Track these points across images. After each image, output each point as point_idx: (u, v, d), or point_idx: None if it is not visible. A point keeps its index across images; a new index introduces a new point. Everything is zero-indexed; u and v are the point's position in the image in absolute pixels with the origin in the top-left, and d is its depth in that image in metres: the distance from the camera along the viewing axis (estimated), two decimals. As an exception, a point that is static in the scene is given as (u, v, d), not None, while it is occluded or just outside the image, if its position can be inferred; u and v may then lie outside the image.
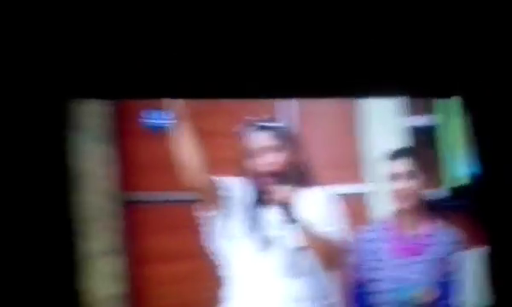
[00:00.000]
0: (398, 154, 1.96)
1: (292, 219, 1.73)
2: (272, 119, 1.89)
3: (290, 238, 1.78)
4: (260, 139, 1.83)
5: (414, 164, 1.93)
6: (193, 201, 1.82)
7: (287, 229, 1.78)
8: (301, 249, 1.78)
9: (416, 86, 2.16)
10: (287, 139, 1.86)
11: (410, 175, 1.92)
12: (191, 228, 1.78)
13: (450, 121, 2.16)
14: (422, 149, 2.05)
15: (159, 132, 1.87)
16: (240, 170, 1.84)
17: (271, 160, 1.81)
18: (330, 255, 1.79)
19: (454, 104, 2.17)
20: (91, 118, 1.82)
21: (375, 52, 2.15)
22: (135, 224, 1.80)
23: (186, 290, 1.82)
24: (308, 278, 1.79)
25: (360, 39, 2.14)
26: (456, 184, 2.13)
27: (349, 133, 2.08)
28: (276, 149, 1.83)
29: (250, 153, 1.82)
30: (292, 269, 1.78)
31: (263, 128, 1.84)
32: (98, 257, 1.75)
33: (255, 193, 1.82)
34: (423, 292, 1.90)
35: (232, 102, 1.95)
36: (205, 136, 1.91)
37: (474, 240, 2.05)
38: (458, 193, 2.11)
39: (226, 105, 1.95)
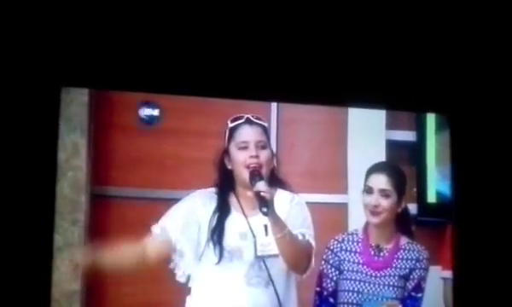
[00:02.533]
0: (374, 169, 1.96)
1: (269, 213, 1.76)
2: (260, 118, 1.92)
3: (253, 248, 1.83)
4: (250, 133, 1.87)
5: (388, 182, 1.94)
6: (163, 200, 1.86)
7: (249, 239, 1.83)
8: (264, 258, 1.82)
9: (399, 99, 2.17)
10: (269, 139, 1.92)
11: (383, 193, 1.94)
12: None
13: (429, 137, 2.17)
14: (401, 165, 2.05)
15: (146, 126, 1.91)
16: (219, 167, 1.87)
17: (257, 155, 1.85)
18: (297, 256, 1.84)
19: (435, 120, 2.18)
20: (71, 107, 1.84)
21: (359, 62, 2.16)
22: (102, 219, 1.82)
23: (144, 291, 1.84)
24: (269, 287, 1.82)
25: (345, 48, 2.15)
26: (428, 201, 2.14)
27: (335, 142, 2.10)
28: (263, 146, 1.87)
29: (237, 146, 1.86)
30: (253, 279, 1.82)
31: (252, 123, 1.88)
32: (61, 251, 1.79)
33: (219, 202, 1.86)
34: (385, 307, 1.93)
35: (211, 103, 1.97)
36: (182, 135, 1.95)
37: (439, 259, 2.07)
38: (430, 210, 2.13)
39: (204, 105, 1.98)
